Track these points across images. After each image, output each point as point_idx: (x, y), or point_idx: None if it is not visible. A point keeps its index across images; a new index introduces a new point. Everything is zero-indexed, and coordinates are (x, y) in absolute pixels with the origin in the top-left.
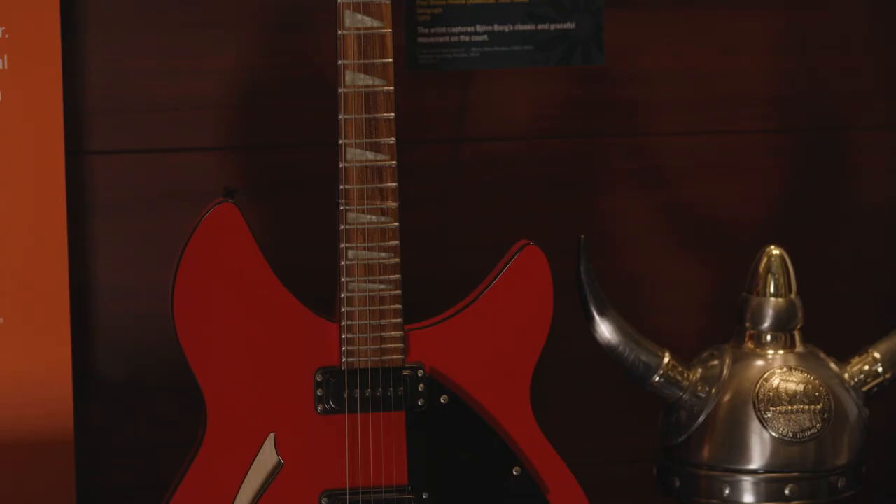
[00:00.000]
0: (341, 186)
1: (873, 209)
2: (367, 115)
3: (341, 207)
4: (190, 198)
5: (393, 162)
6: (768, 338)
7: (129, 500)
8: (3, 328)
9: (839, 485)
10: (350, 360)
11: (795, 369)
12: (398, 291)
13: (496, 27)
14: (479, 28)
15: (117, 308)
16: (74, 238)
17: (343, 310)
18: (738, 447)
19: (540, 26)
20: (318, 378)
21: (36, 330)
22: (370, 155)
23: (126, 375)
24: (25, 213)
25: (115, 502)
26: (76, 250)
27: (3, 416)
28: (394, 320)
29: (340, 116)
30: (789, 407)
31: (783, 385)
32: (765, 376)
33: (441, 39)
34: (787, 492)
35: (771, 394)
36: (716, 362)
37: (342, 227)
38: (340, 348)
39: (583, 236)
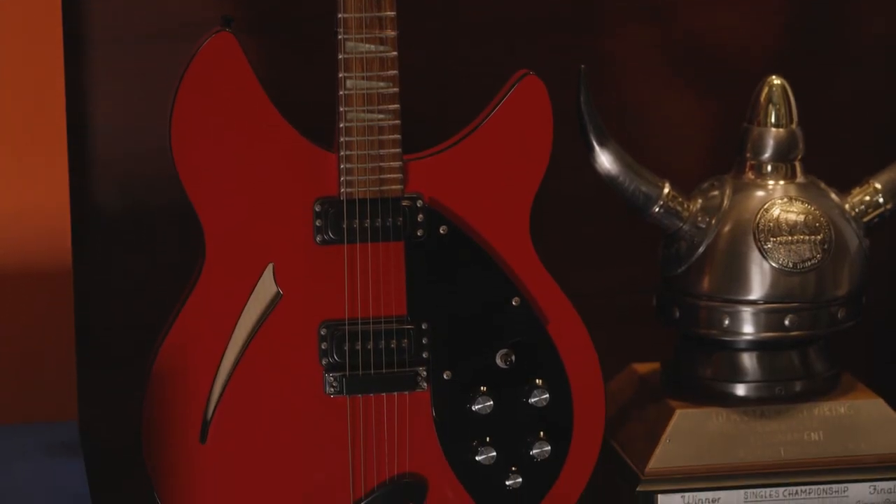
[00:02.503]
0: (339, 15)
1: (874, 38)
2: None
3: (339, 36)
4: (188, 32)
5: None
6: (769, 168)
7: (128, 333)
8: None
9: (839, 315)
10: (349, 190)
11: (796, 199)
12: (397, 121)
13: None
14: None
15: (116, 144)
16: (71, 74)
17: (342, 140)
18: (737, 277)
19: None
20: (317, 208)
21: (33, 166)
22: None
23: (125, 211)
24: (21, 50)
25: (113, 336)
26: (73, 86)
27: (1, 252)
28: (392, 150)
29: None
30: (789, 237)
31: (783, 215)
32: (765, 206)
33: None
34: (786, 322)
35: (771, 224)
36: (716, 193)
37: (340, 57)
38: (339, 178)
39: (583, 66)
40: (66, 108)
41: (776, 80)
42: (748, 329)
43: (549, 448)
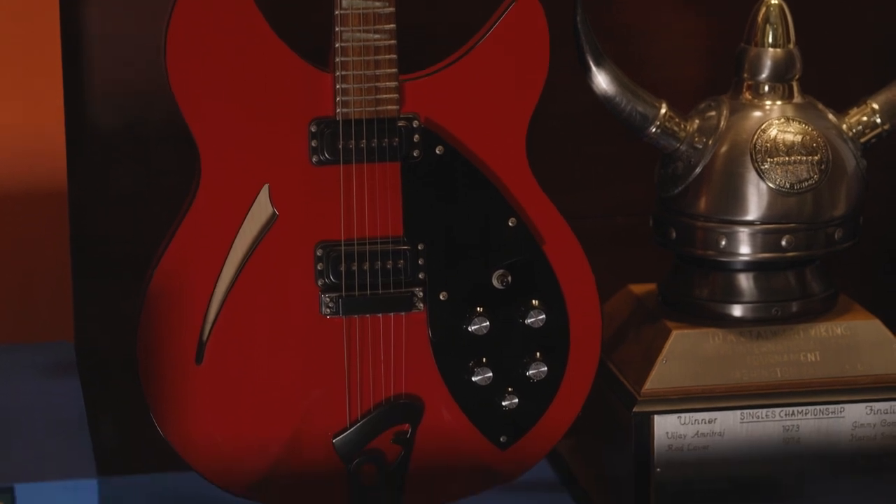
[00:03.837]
0: None
1: None
2: None
3: None
4: None
5: None
6: (766, 88)
7: (124, 249)
8: None
9: (836, 236)
10: (345, 110)
11: (793, 120)
12: (393, 41)
13: None
14: None
15: (111, 58)
16: None
17: (338, 60)
18: (734, 198)
19: None
20: (313, 129)
21: (27, 82)
22: None
23: (121, 126)
24: None
25: (109, 252)
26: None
27: None
28: (389, 70)
29: None
30: (787, 158)
31: (781, 136)
32: (762, 127)
33: None
34: (783, 243)
35: (768, 145)
36: (713, 113)
37: None
38: (335, 99)
39: None
40: (60, 21)
41: (774, 0)
42: (745, 250)
43: (546, 369)
